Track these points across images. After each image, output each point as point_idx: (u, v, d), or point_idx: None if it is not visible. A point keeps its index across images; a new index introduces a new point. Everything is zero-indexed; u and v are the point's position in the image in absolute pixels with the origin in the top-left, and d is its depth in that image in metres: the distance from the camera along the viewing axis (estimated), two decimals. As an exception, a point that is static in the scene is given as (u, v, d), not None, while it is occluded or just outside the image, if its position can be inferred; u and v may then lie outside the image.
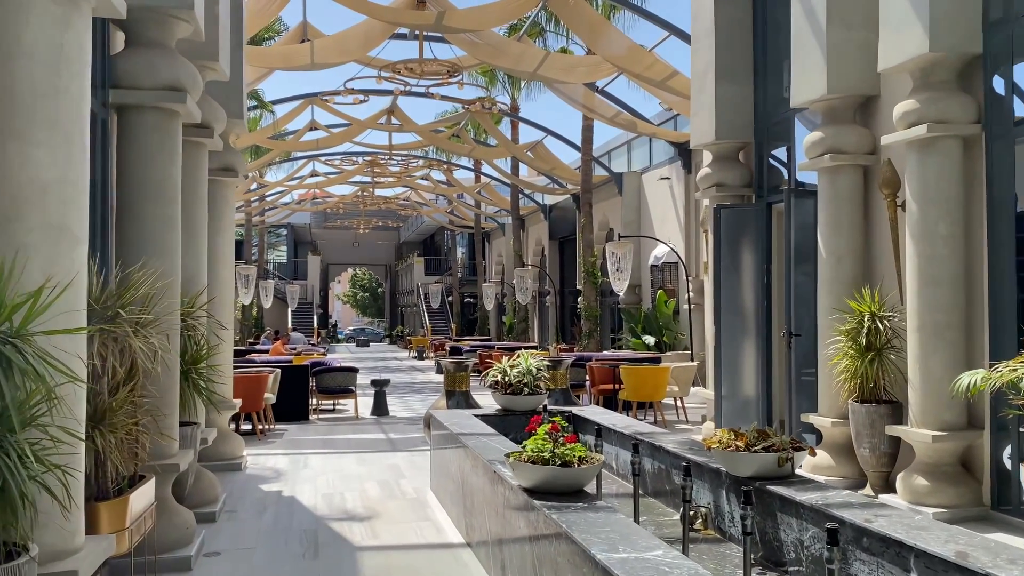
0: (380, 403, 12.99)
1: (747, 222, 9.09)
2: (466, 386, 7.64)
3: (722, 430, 4.51)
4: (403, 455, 8.91)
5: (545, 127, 20.93)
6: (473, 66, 16.74)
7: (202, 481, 6.32)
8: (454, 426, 6.22)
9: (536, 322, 30.28)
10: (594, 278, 18.54)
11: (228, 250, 8.45)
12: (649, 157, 21.71)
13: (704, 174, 9.50)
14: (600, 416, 6.81)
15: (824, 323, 7.34)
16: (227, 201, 8.44)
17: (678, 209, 18.47)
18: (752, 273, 9.04)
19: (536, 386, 7.05)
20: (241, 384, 10.17)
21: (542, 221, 29.05)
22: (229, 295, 8.47)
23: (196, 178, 6.39)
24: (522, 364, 7.10)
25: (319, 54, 14.44)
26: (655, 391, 10.89)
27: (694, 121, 9.73)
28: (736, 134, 9.29)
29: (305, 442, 10.13)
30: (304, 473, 8.06)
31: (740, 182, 9.34)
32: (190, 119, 5.51)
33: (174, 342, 5.21)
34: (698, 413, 12.05)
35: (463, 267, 44.72)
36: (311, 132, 22.98)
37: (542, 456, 3.92)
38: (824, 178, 7.40)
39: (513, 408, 6.97)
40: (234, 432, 9.52)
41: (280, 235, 54.34)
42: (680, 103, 15.76)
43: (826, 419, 7.27)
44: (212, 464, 7.98)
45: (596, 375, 11.97)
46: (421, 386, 18.63)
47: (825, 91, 7.18)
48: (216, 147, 6.70)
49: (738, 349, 9.09)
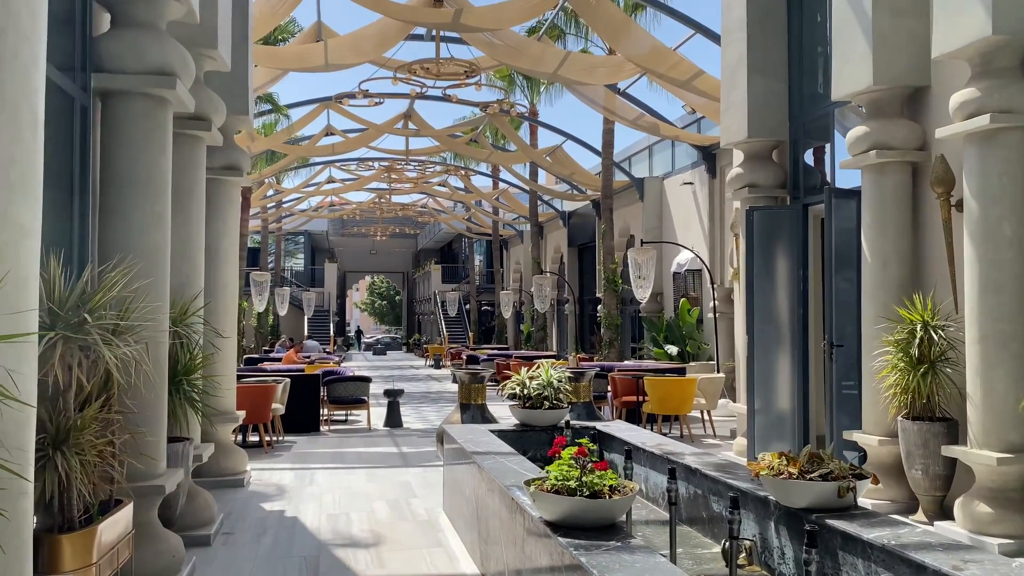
0: (393, 414, 12.51)
1: (781, 225, 8.54)
2: (482, 399, 7.13)
3: (771, 454, 3.97)
4: (415, 471, 8.41)
5: (564, 131, 20.44)
6: (491, 67, 16.29)
7: (196, 501, 5.84)
8: (468, 443, 5.72)
9: (554, 331, 29.73)
10: (615, 286, 18.01)
11: (232, 253, 8.01)
12: (671, 162, 21.15)
13: (735, 174, 8.97)
14: (627, 433, 6.28)
15: (869, 333, 6.78)
16: (231, 201, 8.01)
17: (702, 215, 17.90)
18: (787, 279, 8.48)
19: (557, 400, 6.54)
20: (247, 395, 9.72)
21: (561, 228, 28.54)
22: (233, 301, 8.03)
23: (192, 175, 5.95)
24: (542, 376, 6.60)
25: (333, 54, 14.05)
26: (682, 404, 10.33)
27: (724, 119, 9.20)
28: (769, 132, 8.75)
29: (313, 456, 9.66)
30: (310, 490, 7.58)
31: (773, 183, 8.80)
32: (182, 108, 5.06)
33: (160, 351, 4.75)
34: (726, 427, 11.47)
35: (480, 275, 44.27)
36: (327, 137, 22.65)
37: (568, 486, 3.40)
38: (869, 176, 6.85)
39: (533, 423, 6.45)
40: (237, 446, 9.07)
41: (298, 243, 54.19)
42: (705, 105, 15.24)
43: (872, 437, 6.71)
44: (212, 480, 7.54)
45: (618, 386, 11.42)
46: (437, 396, 18.15)
47: (871, 82, 6.64)
48: (215, 141, 6.26)
49: (772, 360, 8.54)
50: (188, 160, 5.88)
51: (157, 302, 4.67)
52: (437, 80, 14.90)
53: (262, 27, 13.47)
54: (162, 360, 4.80)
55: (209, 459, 7.49)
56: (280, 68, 14.72)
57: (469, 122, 22.02)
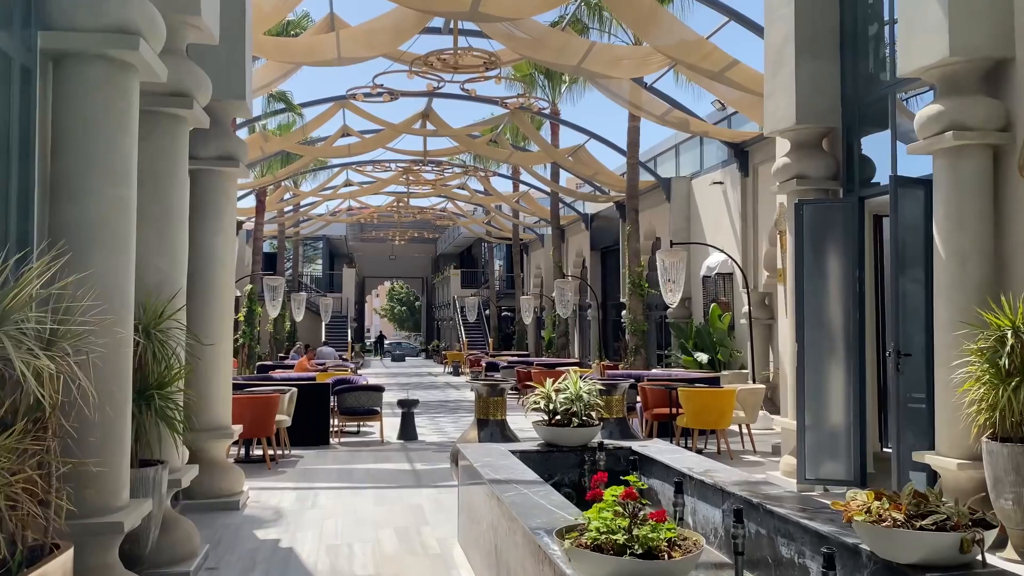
0: (408, 426, 11.76)
1: (834, 220, 7.69)
2: (501, 414, 6.32)
3: (867, 493, 3.16)
4: (428, 493, 7.63)
5: (588, 130, 19.63)
6: (511, 61, 15.54)
7: (175, 532, 5.10)
8: (486, 468, 4.94)
9: (576, 337, 28.89)
10: (640, 290, 17.15)
11: (228, 252, 7.29)
12: (700, 161, 20.30)
13: (782, 165, 8.13)
14: (670, 456, 5.47)
15: (944, 340, 5.93)
16: (227, 195, 7.29)
17: (733, 216, 17.03)
18: (841, 280, 7.63)
19: (587, 416, 5.74)
20: (247, 407, 9.01)
21: (583, 231, 27.72)
22: (227, 304, 7.30)
23: (172, 159, 5.22)
24: (570, 388, 5.80)
25: (345, 47, 13.34)
26: (720, 418, 9.48)
27: (768, 105, 8.37)
28: (820, 118, 7.91)
29: (319, 473, 8.91)
30: (311, 515, 6.82)
31: (824, 173, 7.96)
32: (151, 77, 4.33)
33: (119, 361, 4.01)
34: (766, 442, 10.60)
35: (500, 280, 43.52)
36: (343, 138, 22.00)
37: (613, 541, 2.61)
38: (943, 161, 6.00)
39: (559, 443, 5.66)
40: (239, 462, 8.36)
41: (316, 248, 53.72)
42: (739, 99, 14.39)
43: (948, 460, 5.84)
44: (203, 503, 6.83)
45: (649, 398, 10.58)
46: (455, 405, 17.39)
47: (946, 53, 5.79)
48: (199, 122, 5.53)
49: (824, 371, 7.68)
50: (166, 142, 5.16)
51: (116, 302, 3.93)
52: (455, 74, 14.18)
53: (272, 16, 12.83)
54: (123, 371, 4.05)
55: (200, 480, 6.77)
56: (291, 62, 14.04)
57: (488, 122, 21.25)
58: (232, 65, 7.11)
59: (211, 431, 7.06)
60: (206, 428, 7.06)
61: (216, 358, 7.12)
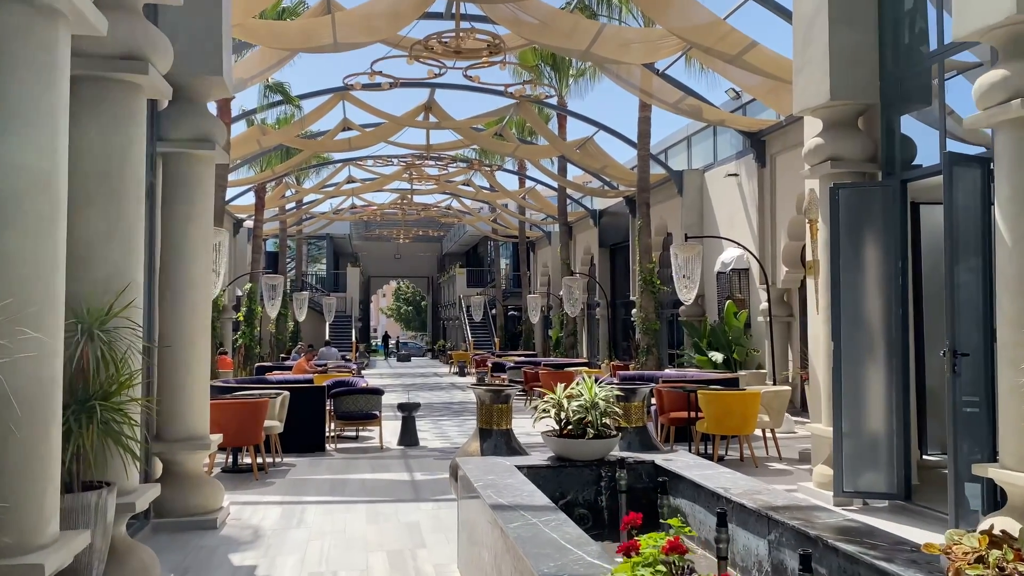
0: (408, 431, 11.06)
1: (872, 205, 6.96)
2: (507, 423, 5.60)
3: (979, 537, 2.44)
4: (427, 508, 6.93)
5: (596, 121, 18.89)
6: (517, 47, 14.82)
7: (128, 563, 4.40)
8: (489, 490, 4.24)
9: (584, 336, 28.16)
10: (652, 287, 16.41)
11: (203, 244, 6.60)
12: (713, 153, 19.57)
13: (813, 146, 7.40)
14: (700, 473, 4.75)
15: (1010, 337, 5.19)
16: (202, 181, 6.60)
17: (749, 209, 16.29)
18: (880, 271, 6.90)
19: (604, 425, 5.03)
20: (233, 412, 8.33)
21: (591, 228, 27.00)
22: (203, 301, 6.61)
23: (125, 132, 4.53)
24: (584, 394, 5.09)
25: (342, 32, 12.66)
26: (744, 423, 8.76)
27: (799, 81, 7.64)
28: (856, 94, 7.18)
29: (310, 484, 8.22)
30: (295, 536, 6.12)
31: (861, 155, 7.23)
32: (86, 28, 3.64)
33: (43, 369, 3.31)
34: (792, 448, 9.88)
35: (507, 278, 42.81)
36: (343, 132, 21.33)
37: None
38: (1008, 135, 5.26)
39: (572, 457, 4.96)
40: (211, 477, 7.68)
41: (321, 247, 53.09)
42: (757, 86, 13.67)
43: (1016, 474, 5.11)
44: (176, 522, 6.16)
45: (665, 401, 9.86)
46: (460, 407, 16.69)
47: (1013, 10, 5.06)
48: (159, 92, 4.83)
49: (862, 371, 6.95)
50: (118, 113, 4.47)
51: (36, 296, 3.24)
52: (457, 60, 13.46)
53: None
54: (46, 380, 3.36)
55: (173, 496, 6.12)
56: (285, 48, 13.36)
57: (493, 114, 20.52)
58: (208, 37, 6.42)
59: (184, 441, 6.38)
60: (179, 438, 6.38)
61: (190, 360, 6.45)
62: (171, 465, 6.42)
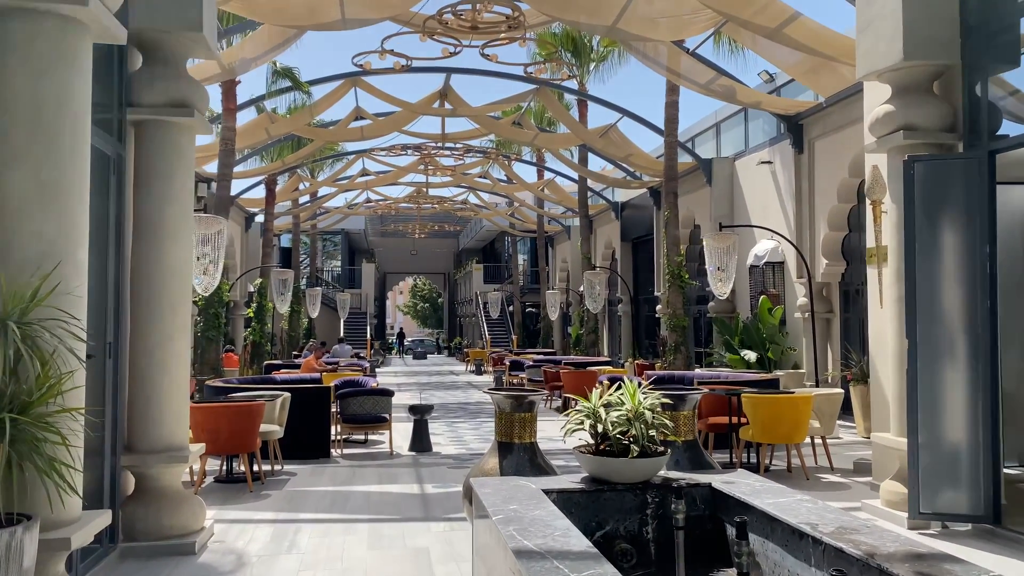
0: (420, 436, 10.20)
1: (954, 181, 6.00)
2: (530, 435, 4.69)
3: None
4: (438, 530, 6.06)
5: (620, 107, 17.92)
6: (538, 24, 13.92)
7: (64, 613, 3.56)
8: (511, 528, 3.34)
9: (605, 333, 27.22)
10: (681, 281, 15.47)
11: (183, 227, 5.76)
12: (744, 140, 18.57)
13: (883, 113, 6.45)
14: (772, 500, 3.83)
15: None
16: (179, 152, 5.74)
17: (784, 198, 15.30)
18: (963, 259, 5.95)
19: (650, 440, 4.13)
20: (224, 417, 7.50)
21: (613, 221, 26.04)
22: (182, 292, 5.77)
23: (62, 80, 3.66)
24: (626, 403, 4.18)
25: (350, 7, 11.78)
26: (795, 430, 7.81)
27: (863, 40, 6.69)
28: (933, 53, 6.22)
29: (309, 498, 7.37)
30: (283, 565, 5.25)
31: (939, 124, 6.27)
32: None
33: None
34: (844, 457, 8.93)
35: (524, 274, 41.89)
36: (356, 121, 20.50)
37: None
38: None
39: (613, 479, 4.05)
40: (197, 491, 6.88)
41: (336, 243, 52.41)
42: (796, 65, 12.69)
43: None
44: (149, 546, 5.33)
45: (703, 404, 8.94)
46: (476, 408, 15.82)
47: None
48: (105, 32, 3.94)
49: (939, 374, 6.00)
50: (51, 53, 3.61)
51: None
52: (473, 39, 12.59)
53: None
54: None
55: (145, 515, 5.30)
56: (289, 25, 12.52)
57: (511, 99, 19.61)
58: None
59: (160, 453, 5.54)
60: (153, 449, 5.55)
61: (167, 360, 5.61)
62: (144, 480, 5.59)
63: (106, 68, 5.35)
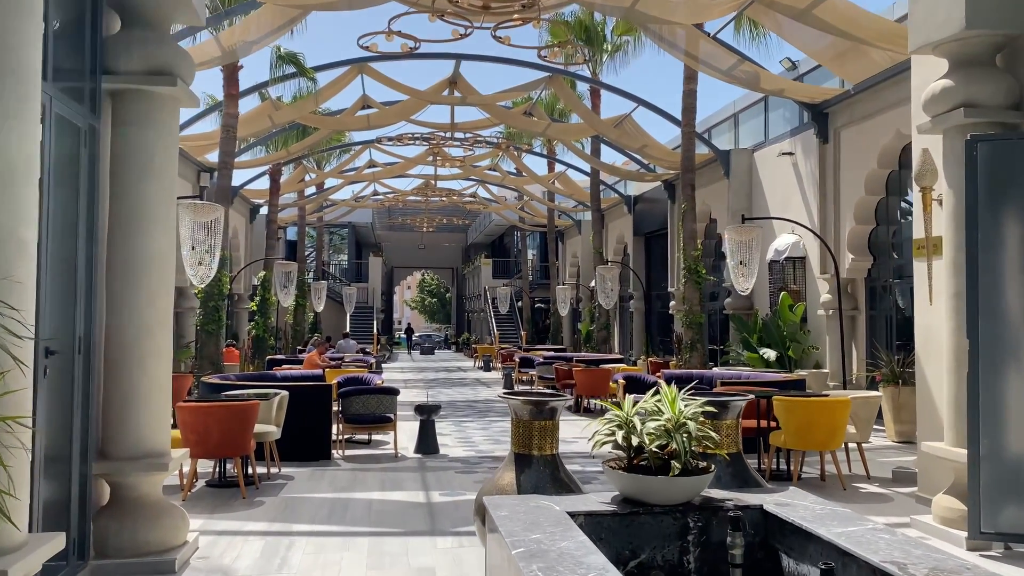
0: (427, 437, 9.63)
1: (1021, 165, 5.39)
2: (551, 446, 4.09)
3: None
4: (445, 546, 5.49)
5: (635, 96, 17.29)
6: (552, 6, 13.30)
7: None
8: (535, 567, 2.77)
9: (616, 330, 26.62)
10: (697, 276, 14.86)
11: (164, 209, 5.19)
12: (764, 130, 17.93)
13: (940, 89, 5.84)
14: (843, 530, 3.24)
15: None
16: (162, 127, 5.18)
17: (807, 191, 14.67)
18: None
19: (692, 454, 3.55)
20: (215, 418, 6.94)
21: (625, 215, 25.42)
22: (164, 282, 5.20)
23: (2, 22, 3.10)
24: (664, 411, 3.60)
25: (356, -15, 11.25)
26: (831, 437, 7.21)
27: (917, 9, 6.07)
28: (997, 22, 5.62)
29: (306, 506, 6.80)
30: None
31: (1003, 101, 5.67)
32: None
33: None
34: (881, 465, 8.33)
35: (534, 269, 41.29)
36: (363, 110, 19.92)
37: None
38: None
39: (650, 500, 3.47)
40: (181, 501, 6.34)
41: (343, 236, 51.85)
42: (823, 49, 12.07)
43: None
44: (124, 564, 4.77)
45: (728, 406, 8.32)
46: (485, 406, 15.24)
47: None
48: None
49: (1003, 378, 5.40)
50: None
51: None
52: (484, 19, 11.98)
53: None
54: None
55: (119, 528, 4.75)
56: (292, 4, 11.95)
57: (523, 88, 18.98)
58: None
59: (137, 460, 4.99)
60: (130, 456, 4.99)
61: (144, 357, 5.05)
62: (120, 489, 5.03)
63: (77, 31, 4.79)
